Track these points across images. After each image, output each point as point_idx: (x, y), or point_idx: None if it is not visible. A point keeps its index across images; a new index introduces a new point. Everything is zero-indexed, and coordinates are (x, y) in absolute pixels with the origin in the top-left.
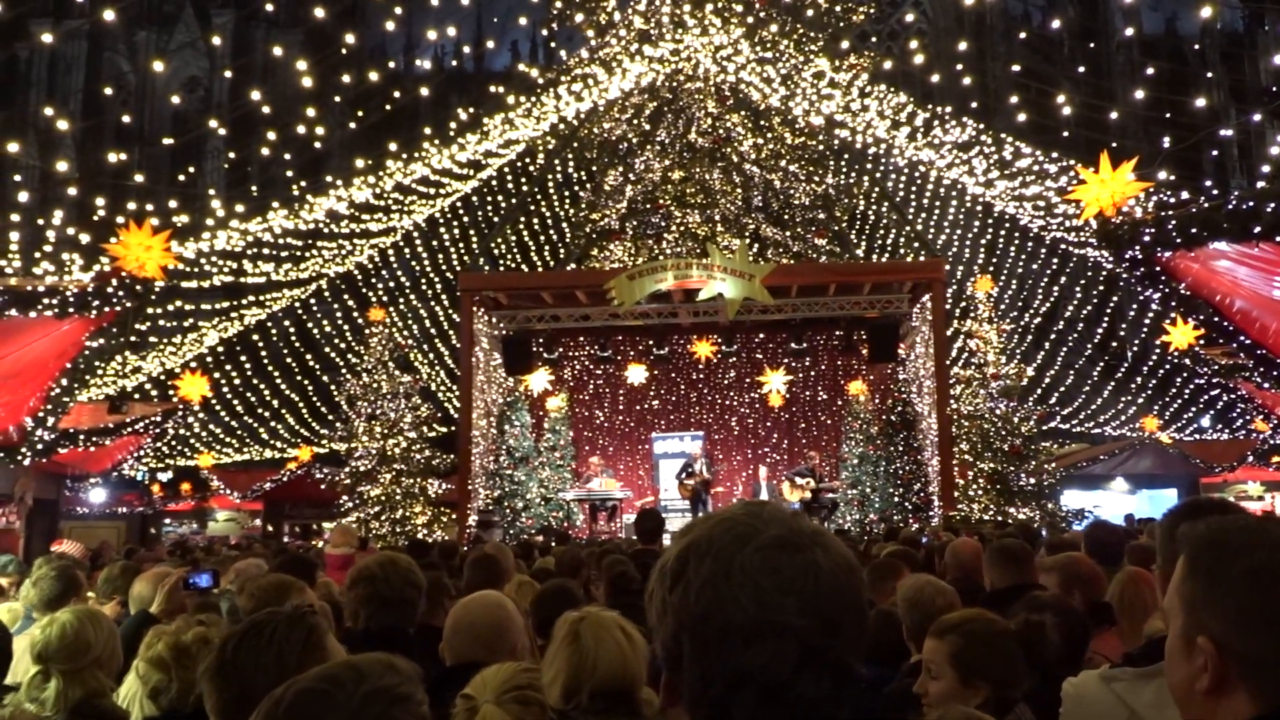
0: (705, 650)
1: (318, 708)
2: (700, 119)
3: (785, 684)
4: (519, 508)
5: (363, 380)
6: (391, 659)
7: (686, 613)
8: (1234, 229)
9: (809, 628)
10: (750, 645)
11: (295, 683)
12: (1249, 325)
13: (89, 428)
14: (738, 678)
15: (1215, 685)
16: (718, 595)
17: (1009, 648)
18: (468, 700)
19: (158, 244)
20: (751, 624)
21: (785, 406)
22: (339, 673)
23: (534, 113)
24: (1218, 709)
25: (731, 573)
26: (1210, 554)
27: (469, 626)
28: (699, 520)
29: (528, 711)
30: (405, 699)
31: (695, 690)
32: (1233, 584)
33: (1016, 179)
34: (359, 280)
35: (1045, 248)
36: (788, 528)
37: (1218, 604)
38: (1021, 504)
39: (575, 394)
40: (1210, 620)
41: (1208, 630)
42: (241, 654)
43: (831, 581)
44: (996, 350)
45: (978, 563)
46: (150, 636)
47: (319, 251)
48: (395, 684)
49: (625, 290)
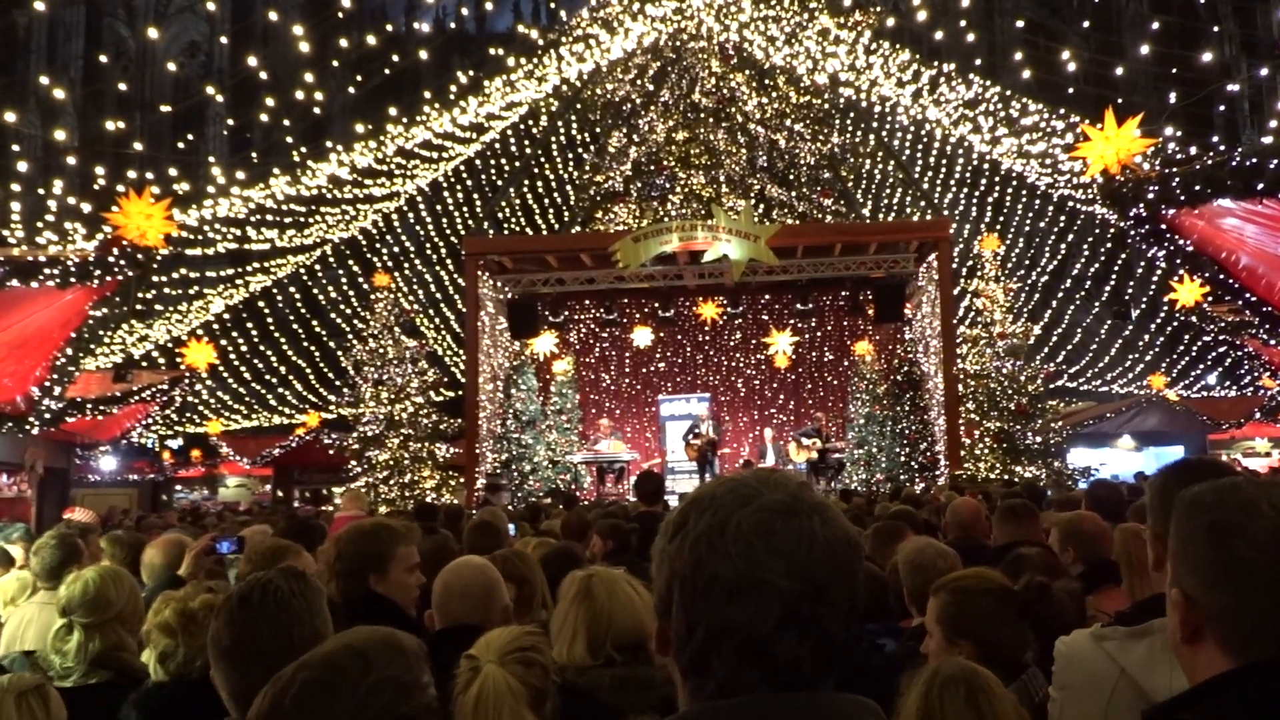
0: (692, 600)
1: (323, 700)
2: (704, 79)
3: (765, 642)
4: (526, 471)
5: (369, 345)
6: (397, 638)
7: (679, 562)
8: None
9: (795, 590)
10: (734, 600)
11: (303, 666)
12: (1255, 282)
13: (96, 396)
14: (719, 631)
15: (1188, 637)
16: (710, 548)
17: (995, 605)
18: (471, 661)
19: (159, 212)
20: (738, 579)
21: (791, 367)
22: (345, 661)
23: (536, 74)
24: (1197, 660)
25: (727, 528)
26: (1185, 512)
27: (463, 589)
28: (710, 481)
29: (531, 673)
30: (410, 687)
31: (680, 639)
32: (1197, 540)
33: (1023, 136)
34: (363, 245)
35: (1052, 205)
36: (791, 494)
37: (1187, 559)
38: (1028, 463)
39: (581, 357)
40: (1183, 575)
41: (1181, 584)
42: (253, 604)
43: (825, 550)
44: (1003, 309)
45: (977, 521)
46: (158, 603)
47: (322, 217)
48: (401, 672)
49: (630, 253)
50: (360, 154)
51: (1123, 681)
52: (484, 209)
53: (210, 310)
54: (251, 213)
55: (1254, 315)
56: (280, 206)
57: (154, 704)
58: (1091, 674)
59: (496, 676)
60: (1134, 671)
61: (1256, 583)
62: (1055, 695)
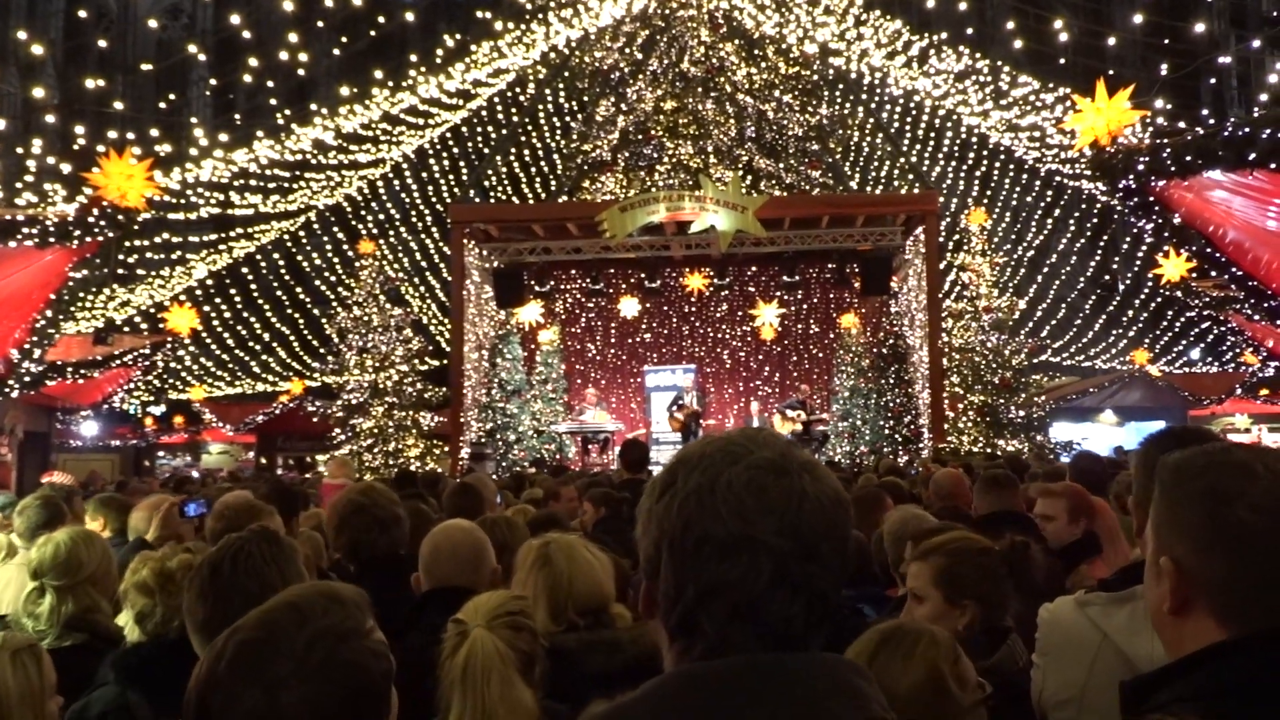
0: (681, 560)
1: (261, 658)
2: (693, 48)
3: (756, 600)
4: (511, 440)
5: (353, 313)
6: (334, 589)
7: (668, 522)
8: (1229, 156)
9: (786, 549)
10: (725, 558)
11: (235, 632)
12: (1241, 257)
13: (77, 360)
14: (710, 589)
15: (1178, 607)
16: (700, 507)
17: (994, 565)
18: (459, 625)
19: (139, 173)
20: (729, 537)
21: (777, 339)
22: (279, 616)
23: (524, 39)
24: (1184, 631)
25: (716, 487)
26: (1173, 478)
27: (451, 550)
28: (697, 440)
29: (519, 637)
30: (351, 633)
31: (668, 600)
32: (1190, 506)
33: (1012, 109)
34: (348, 212)
35: (1040, 180)
36: (779, 452)
37: (1177, 526)
38: (1011, 436)
39: (567, 327)
40: (1173, 542)
41: (1171, 552)
42: (223, 574)
43: (815, 508)
44: (989, 283)
45: (959, 491)
46: (135, 562)
47: (307, 183)
48: (339, 620)
49: (617, 222)
50: (345, 119)
51: (1105, 647)
52: (470, 177)
53: (193, 275)
54: (235, 176)
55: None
56: (264, 171)
57: (131, 664)
58: (1074, 640)
59: (485, 640)
60: (1116, 637)
61: (1256, 547)
62: (1038, 661)
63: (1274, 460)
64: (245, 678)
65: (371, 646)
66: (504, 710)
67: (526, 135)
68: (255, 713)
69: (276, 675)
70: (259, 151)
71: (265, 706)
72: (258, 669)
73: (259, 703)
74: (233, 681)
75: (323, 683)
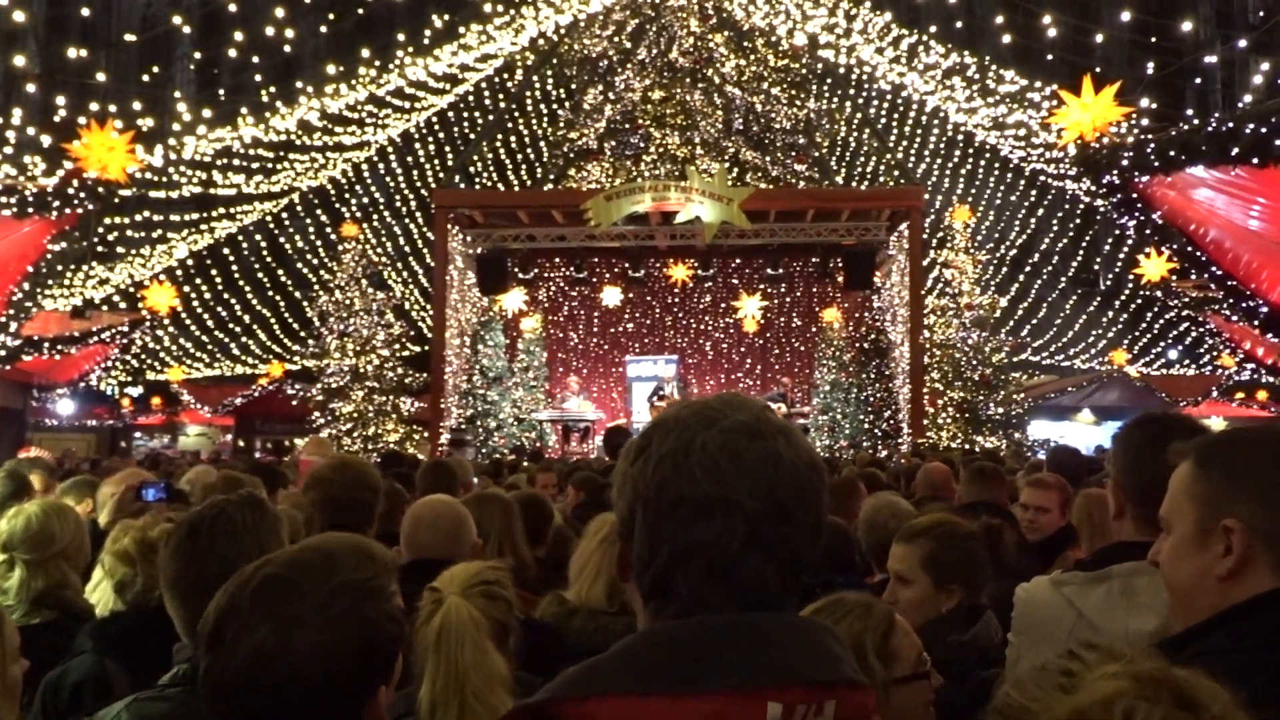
0: (656, 521)
1: (284, 595)
2: (682, 38)
3: (731, 562)
4: (492, 427)
5: (335, 296)
6: (368, 545)
7: (643, 483)
8: (1212, 151)
9: (761, 510)
10: (700, 519)
11: (266, 564)
12: (1221, 256)
13: (54, 335)
14: (685, 551)
15: (1240, 565)
16: (675, 468)
17: (978, 550)
18: (435, 593)
19: (121, 145)
20: (704, 499)
21: (760, 332)
22: (310, 559)
23: (514, 23)
24: (1234, 590)
25: (691, 449)
26: (1227, 450)
27: (433, 521)
28: (672, 405)
29: (494, 606)
30: (376, 592)
31: (642, 561)
32: (1259, 471)
33: (999, 106)
34: (332, 195)
35: (1024, 179)
36: (754, 416)
37: (1244, 490)
38: (989, 433)
39: (550, 315)
40: (1235, 505)
41: (1233, 514)
42: (201, 535)
43: (790, 472)
44: (971, 280)
45: (948, 484)
46: (117, 531)
47: (291, 164)
48: (368, 576)
49: (602, 211)
50: (331, 98)
51: (1080, 625)
52: (456, 162)
53: (173, 255)
54: (218, 155)
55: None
56: (247, 151)
57: (110, 633)
58: (1049, 618)
59: (459, 608)
60: (1091, 615)
61: None
62: (1013, 640)
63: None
64: (264, 611)
65: (390, 610)
66: (476, 676)
67: (513, 122)
68: (266, 647)
69: (295, 615)
70: (243, 131)
71: (277, 643)
72: (278, 605)
73: (272, 638)
74: (252, 612)
75: (338, 633)
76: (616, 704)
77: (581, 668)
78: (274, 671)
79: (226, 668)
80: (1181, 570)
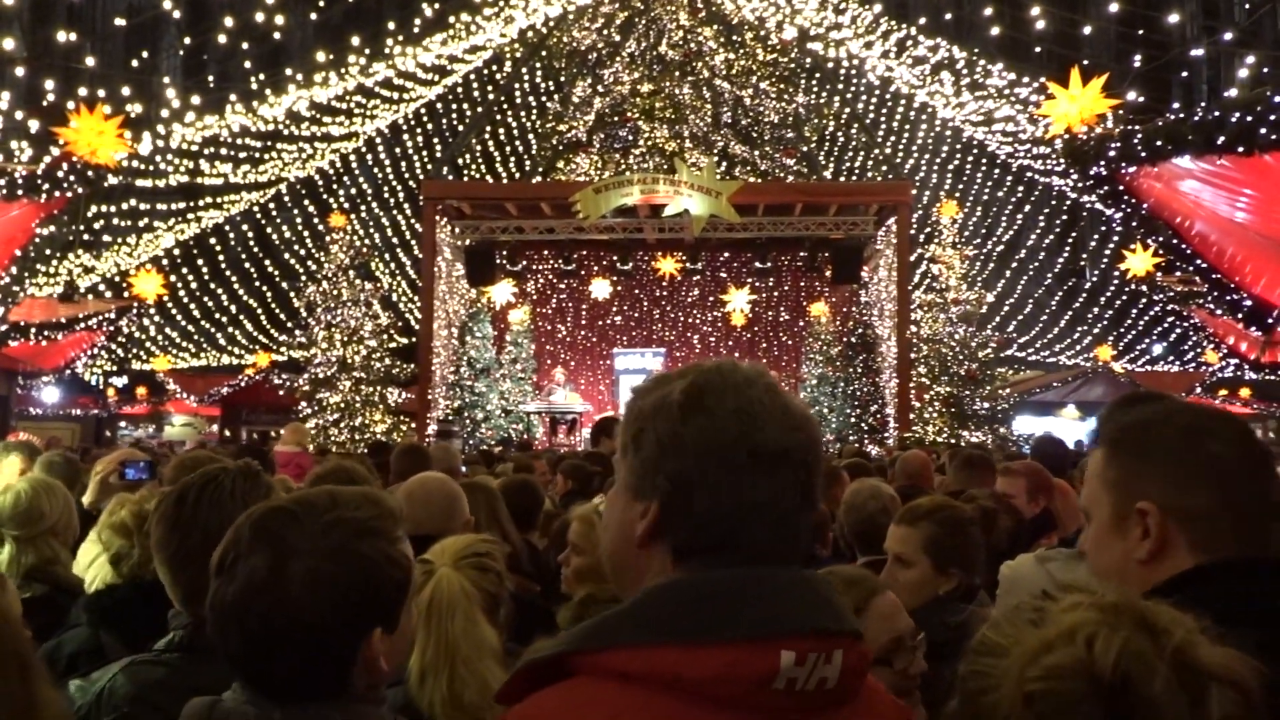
0: (730, 476)
1: (283, 526)
2: (671, 31)
3: (790, 514)
4: (479, 419)
5: (322, 287)
6: (379, 495)
7: (714, 439)
8: (1198, 141)
9: (809, 464)
10: (772, 472)
11: (274, 500)
12: (1206, 249)
13: (40, 322)
14: (754, 505)
15: (1158, 548)
16: (750, 421)
17: (977, 535)
18: (425, 565)
19: (110, 129)
20: (776, 451)
21: (747, 325)
22: (314, 497)
23: (503, 13)
24: (1156, 572)
25: (753, 404)
26: (1136, 433)
27: (425, 498)
28: (674, 372)
29: (485, 578)
30: (376, 532)
31: (702, 518)
32: (1167, 449)
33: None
34: (320, 186)
35: (1011, 175)
36: (766, 374)
37: (1154, 470)
38: (975, 428)
39: (538, 307)
40: (1148, 487)
41: (1147, 497)
42: (187, 503)
43: (813, 425)
44: (958, 276)
45: (925, 473)
46: (113, 504)
47: (278, 154)
48: (369, 517)
49: (591, 204)
50: (320, 86)
51: None
52: (444, 154)
53: (160, 244)
54: (205, 144)
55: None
56: (235, 140)
57: (105, 605)
58: (1032, 592)
59: (450, 579)
60: None
61: (1233, 478)
62: (996, 615)
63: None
64: (263, 540)
65: (391, 553)
66: (467, 646)
67: (502, 114)
68: (260, 572)
69: (290, 544)
70: (230, 120)
71: (270, 570)
72: (276, 535)
73: (266, 565)
74: (251, 541)
75: (331, 564)
76: (632, 654)
77: (596, 621)
78: (266, 596)
79: (225, 594)
80: (1103, 558)
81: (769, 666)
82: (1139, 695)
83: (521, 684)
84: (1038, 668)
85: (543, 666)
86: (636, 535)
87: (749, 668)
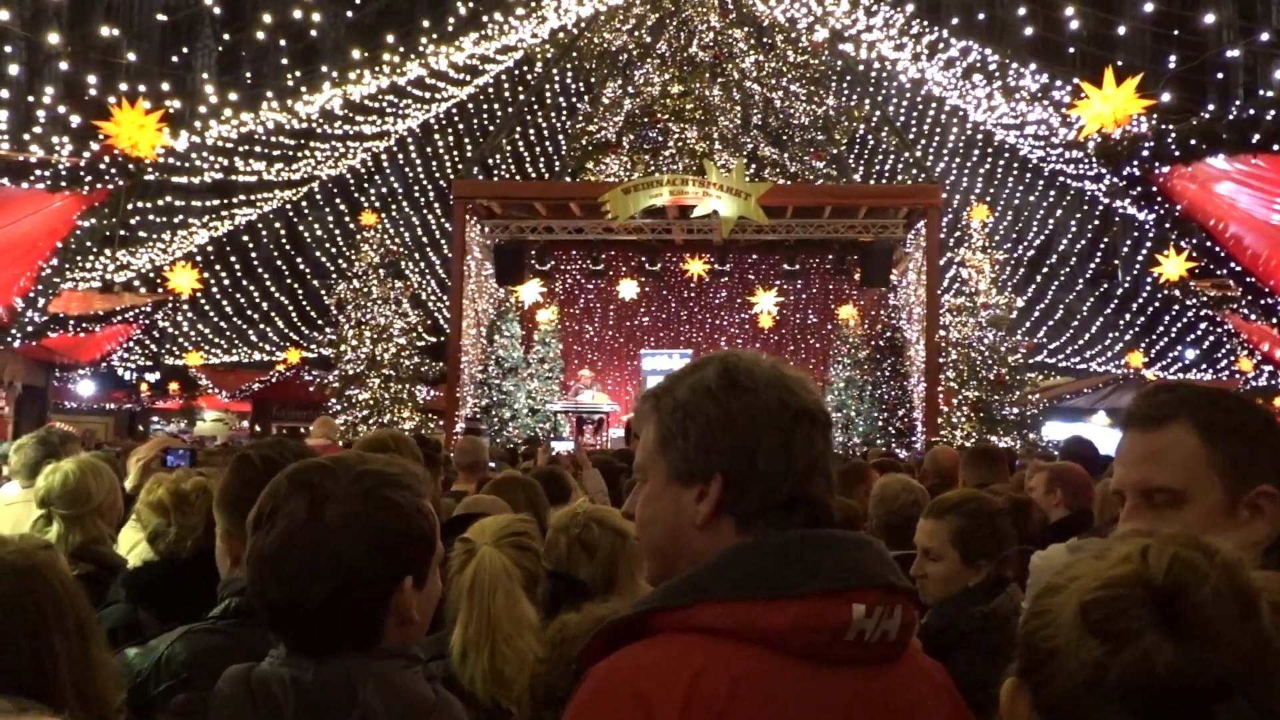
0: (784, 437)
1: (318, 476)
2: (702, 33)
3: (830, 468)
4: (506, 417)
5: (353, 285)
6: (406, 461)
7: (761, 409)
8: (1233, 139)
9: (829, 422)
10: (813, 429)
11: (310, 458)
12: (1240, 252)
13: (79, 314)
14: (810, 460)
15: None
16: (785, 388)
17: (1006, 526)
18: (466, 544)
19: (151, 123)
20: (813, 410)
21: (775, 328)
22: (348, 455)
23: (536, 13)
24: (1269, 556)
25: (779, 375)
26: (1235, 417)
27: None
28: (685, 368)
29: (524, 556)
30: (405, 486)
31: (770, 480)
32: (1264, 435)
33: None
34: (351, 184)
35: (1043, 180)
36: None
37: (1265, 455)
38: (1003, 433)
39: (566, 307)
40: (1263, 471)
41: (1264, 480)
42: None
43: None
44: (988, 280)
45: (956, 469)
46: (151, 483)
47: (311, 152)
48: (398, 473)
49: (620, 204)
50: (354, 84)
51: None
52: (474, 154)
53: (194, 240)
54: (240, 141)
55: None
56: (269, 138)
57: (142, 582)
58: None
59: (493, 557)
60: None
61: None
62: (1027, 605)
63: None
64: (300, 488)
65: (418, 504)
66: (508, 622)
67: (532, 114)
68: (297, 517)
69: (324, 490)
70: (265, 117)
71: (307, 514)
72: (312, 483)
73: (303, 510)
74: (289, 489)
75: (363, 506)
76: (716, 609)
77: (678, 580)
78: (304, 539)
79: (264, 544)
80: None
81: (843, 618)
82: (1189, 601)
83: (603, 645)
84: (1095, 581)
85: (624, 627)
86: (699, 516)
87: (825, 619)
